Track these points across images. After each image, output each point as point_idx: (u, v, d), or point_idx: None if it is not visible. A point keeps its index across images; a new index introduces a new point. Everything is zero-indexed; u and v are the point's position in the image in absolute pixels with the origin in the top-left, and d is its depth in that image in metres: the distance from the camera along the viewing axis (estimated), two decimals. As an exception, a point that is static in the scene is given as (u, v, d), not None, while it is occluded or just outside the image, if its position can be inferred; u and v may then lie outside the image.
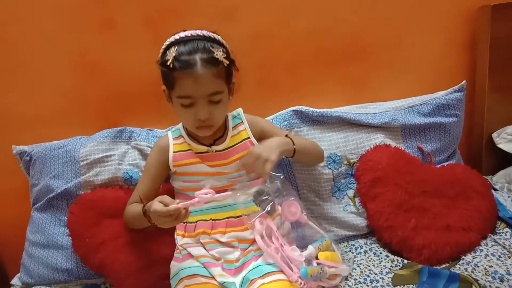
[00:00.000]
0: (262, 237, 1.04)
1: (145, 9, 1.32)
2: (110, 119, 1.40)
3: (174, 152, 1.17)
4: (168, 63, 1.01)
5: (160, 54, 1.09)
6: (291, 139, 1.15)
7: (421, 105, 1.39)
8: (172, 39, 1.06)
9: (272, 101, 1.44)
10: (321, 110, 1.37)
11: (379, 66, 1.48)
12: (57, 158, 1.30)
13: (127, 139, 1.33)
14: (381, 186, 1.26)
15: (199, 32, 1.05)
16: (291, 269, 1.02)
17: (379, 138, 1.35)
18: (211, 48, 1.03)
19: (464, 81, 1.41)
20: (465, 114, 1.45)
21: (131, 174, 1.29)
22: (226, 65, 1.04)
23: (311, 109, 1.37)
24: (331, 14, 1.40)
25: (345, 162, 1.34)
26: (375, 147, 1.34)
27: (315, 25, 1.41)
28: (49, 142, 1.35)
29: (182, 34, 1.05)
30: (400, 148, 1.36)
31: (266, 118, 1.38)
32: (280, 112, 1.40)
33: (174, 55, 1.01)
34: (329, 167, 1.33)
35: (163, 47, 1.07)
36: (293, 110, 1.38)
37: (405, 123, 1.36)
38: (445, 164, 1.39)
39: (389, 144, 1.35)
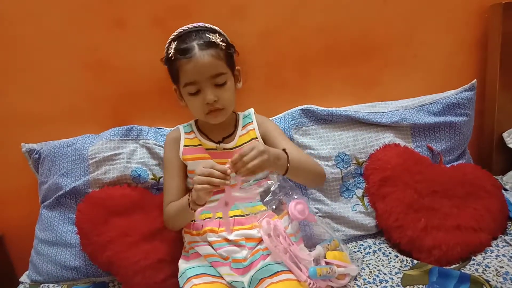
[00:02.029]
0: (269, 236, 1.04)
1: (154, 7, 1.32)
2: (119, 117, 1.40)
3: (184, 145, 1.19)
4: (170, 56, 1.09)
5: (164, 54, 1.16)
6: (287, 154, 1.05)
7: (431, 104, 1.38)
8: (172, 36, 1.14)
9: (280, 99, 1.43)
10: (330, 109, 1.36)
11: (388, 64, 1.46)
12: (66, 156, 1.30)
13: (135, 137, 1.33)
14: (390, 186, 1.26)
15: (195, 24, 1.13)
16: (300, 269, 1.01)
17: (388, 137, 1.34)
18: (206, 34, 1.10)
19: (475, 80, 1.40)
20: (475, 113, 1.43)
21: (139, 172, 1.29)
22: (223, 47, 1.10)
23: (319, 107, 1.36)
24: (340, 12, 1.39)
25: (354, 162, 1.33)
26: (384, 146, 1.33)
27: (324, 23, 1.40)
28: (58, 140, 1.35)
29: (179, 29, 1.13)
30: (410, 147, 1.35)
31: (275, 117, 1.39)
32: (289, 110, 1.39)
33: (173, 47, 1.09)
34: (338, 166, 1.32)
35: (166, 46, 1.15)
36: (302, 109, 1.37)
37: (415, 122, 1.35)
38: (455, 163, 1.38)
39: (399, 144, 1.34)
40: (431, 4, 1.42)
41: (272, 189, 1.11)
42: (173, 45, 1.10)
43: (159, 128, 1.39)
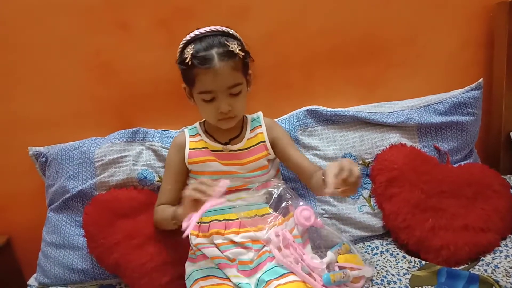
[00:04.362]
0: (280, 250, 1.03)
1: (158, 10, 1.32)
2: (125, 120, 1.41)
3: (190, 149, 1.19)
4: (187, 61, 1.05)
5: (178, 54, 1.12)
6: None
7: (437, 103, 1.37)
8: (188, 37, 1.10)
9: (285, 101, 1.43)
10: (335, 109, 1.36)
11: (393, 65, 1.46)
12: (73, 159, 1.31)
13: (141, 140, 1.34)
14: (397, 186, 1.25)
15: (213, 28, 1.09)
16: (314, 278, 1.00)
17: (394, 138, 1.34)
18: (226, 42, 1.06)
19: (481, 79, 1.39)
20: (482, 113, 1.42)
21: (145, 175, 1.29)
22: (241, 56, 1.07)
23: (325, 108, 1.36)
24: (344, 13, 1.39)
25: (360, 162, 1.33)
26: (390, 147, 1.32)
27: (328, 24, 1.40)
28: (65, 143, 1.36)
29: (197, 32, 1.09)
30: (416, 147, 1.34)
31: (280, 118, 1.39)
32: (294, 111, 1.39)
33: (191, 52, 1.05)
34: (344, 167, 1.31)
35: (180, 46, 1.12)
36: (307, 110, 1.37)
37: (421, 122, 1.34)
38: (462, 163, 1.37)
39: (405, 144, 1.33)
40: (436, 3, 1.41)
41: (275, 192, 1.11)
42: (190, 49, 1.06)
43: (164, 131, 1.39)
